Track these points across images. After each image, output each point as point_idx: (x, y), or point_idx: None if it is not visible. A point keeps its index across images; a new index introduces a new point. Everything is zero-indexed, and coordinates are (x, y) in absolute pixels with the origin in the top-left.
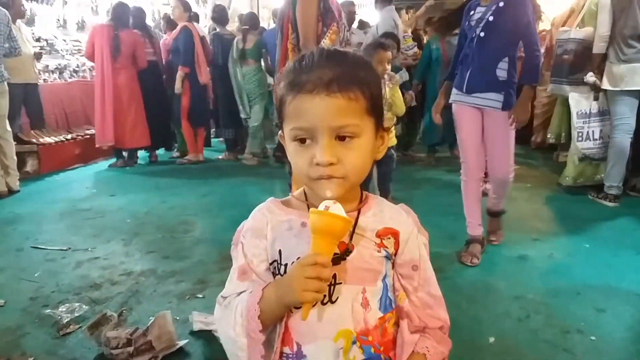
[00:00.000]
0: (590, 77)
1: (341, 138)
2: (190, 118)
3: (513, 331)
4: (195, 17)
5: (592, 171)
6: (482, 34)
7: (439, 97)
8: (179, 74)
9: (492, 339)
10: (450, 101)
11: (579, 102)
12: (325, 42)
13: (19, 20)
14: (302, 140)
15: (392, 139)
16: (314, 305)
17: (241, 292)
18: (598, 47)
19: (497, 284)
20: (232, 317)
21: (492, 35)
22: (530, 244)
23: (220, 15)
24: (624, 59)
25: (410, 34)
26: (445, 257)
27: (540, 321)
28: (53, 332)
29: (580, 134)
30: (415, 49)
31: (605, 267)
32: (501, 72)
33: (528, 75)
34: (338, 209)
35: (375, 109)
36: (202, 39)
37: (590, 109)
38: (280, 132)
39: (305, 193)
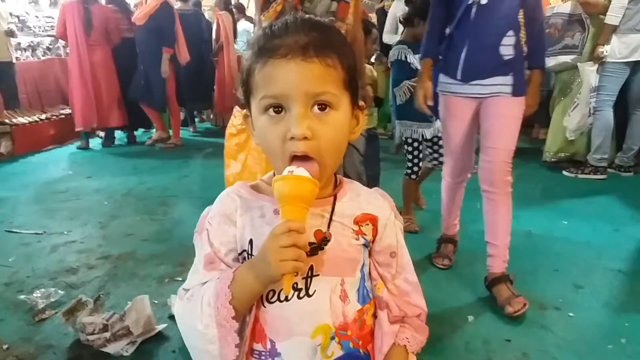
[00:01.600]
0: (602, 49)
1: (318, 108)
2: (178, 100)
3: (492, 309)
4: None
5: (571, 147)
6: (483, 1)
7: (421, 80)
8: (165, 56)
9: (471, 318)
10: (437, 91)
11: (590, 75)
12: (266, 16)
13: None
14: (275, 111)
15: (373, 119)
16: (295, 289)
17: (206, 282)
18: (613, 18)
19: (476, 262)
20: (198, 308)
21: (497, 1)
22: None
23: None
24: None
25: None
26: (424, 237)
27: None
28: (28, 318)
29: (590, 108)
30: None
31: (583, 244)
32: (506, 49)
33: (536, 56)
34: (303, 172)
35: (351, 83)
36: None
37: (594, 83)
38: (244, 112)
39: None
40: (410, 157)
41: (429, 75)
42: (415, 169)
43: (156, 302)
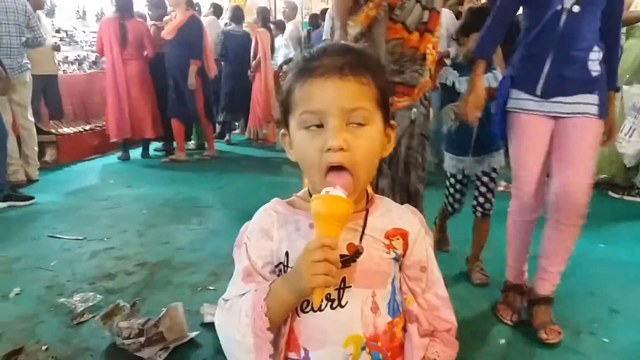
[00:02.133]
0: None
1: (352, 124)
2: (207, 113)
3: (525, 332)
4: (189, 3)
5: (612, 168)
6: (575, 8)
7: (474, 83)
8: (192, 68)
9: (502, 341)
10: (509, 108)
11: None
12: (356, 20)
13: (38, 11)
14: (313, 126)
15: None
16: (327, 300)
17: (244, 293)
18: None
19: None
20: (236, 318)
21: (588, 10)
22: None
23: (234, 15)
24: None
25: None
26: (458, 255)
27: None
28: (67, 320)
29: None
30: None
31: (620, 267)
32: (593, 64)
33: (613, 75)
34: (339, 192)
35: (384, 102)
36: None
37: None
38: (282, 131)
39: (310, 193)
40: (446, 192)
41: (482, 78)
42: (454, 206)
43: (189, 309)
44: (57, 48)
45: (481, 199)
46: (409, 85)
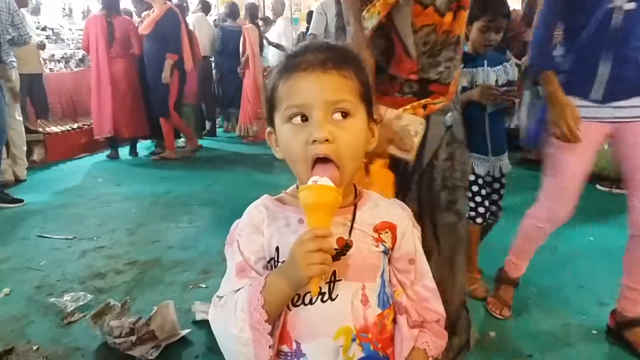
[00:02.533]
0: None
1: (336, 116)
2: (177, 109)
3: (514, 324)
4: None
5: (600, 160)
6: (629, 6)
7: (559, 98)
8: (168, 62)
9: (492, 333)
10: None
11: None
12: (372, 10)
13: (22, 9)
14: (298, 120)
15: None
16: (318, 293)
17: (238, 289)
18: None
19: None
20: (232, 313)
21: None
22: None
23: (231, 11)
24: None
25: None
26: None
27: (541, 314)
28: (57, 320)
29: None
30: None
31: (609, 260)
32: None
33: None
34: (326, 182)
35: (366, 96)
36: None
37: None
38: (268, 129)
39: (298, 190)
40: (469, 194)
41: (561, 90)
42: (480, 209)
43: (180, 307)
44: (42, 46)
45: (493, 207)
46: (444, 82)
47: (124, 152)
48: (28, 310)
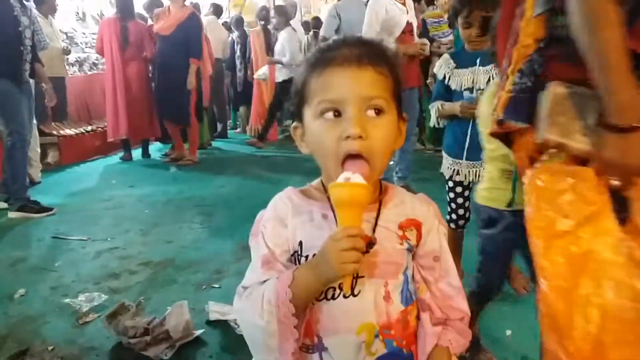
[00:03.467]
0: None
1: (369, 112)
2: (198, 115)
3: (530, 323)
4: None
5: None
6: None
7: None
8: (192, 67)
9: (509, 332)
10: None
11: None
12: None
13: (50, 16)
14: (331, 115)
15: None
16: (340, 289)
17: (264, 281)
18: None
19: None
20: (258, 305)
21: None
22: None
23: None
24: None
25: (445, 20)
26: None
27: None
28: (72, 321)
29: None
30: (451, 37)
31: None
32: None
33: None
34: (359, 179)
35: (398, 94)
36: None
37: None
38: (294, 124)
39: (323, 184)
40: (447, 198)
41: None
42: (455, 216)
43: (194, 308)
44: (67, 52)
45: (461, 211)
46: None
47: (136, 154)
48: (43, 311)
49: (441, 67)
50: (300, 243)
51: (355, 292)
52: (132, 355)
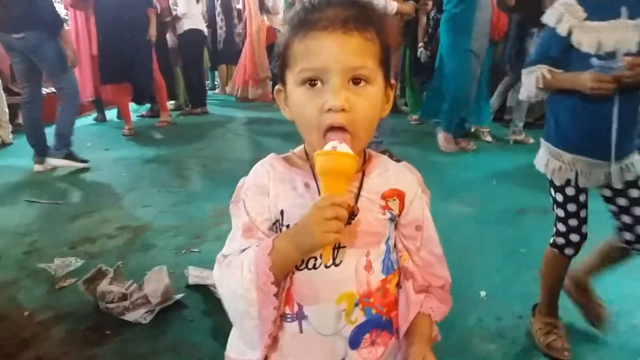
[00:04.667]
0: None
1: (354, 82)
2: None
3: (505, 285)
4: None
5: None
6: None
7: None
8: (152, 18)
9: (483, 293)
10: None
11: None
12: None
13: None
14: (312, 84)
15: None
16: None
17: (245, 249)
18: None
19: (491, 238)
20: (238, 273)
21: None
22: (525, 199)
23: None
24: None
25: None
26: (442, 213)
27: (531, 276)
28: (48, 286)
29: None
30: None
31: (599, 221)
32: None
33: None
34: (345, 148)
35: (386, 60)
36: None
37: None
38: (277, 87)
39: (306, 152)
40: (560, 213)
41: None
42: (573, 237)
43: (173, 272)
44: None
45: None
46: None
47: (111, 114)
48: (18, 276)
49: (561, 15)
50: (282, 212)
51: (337, 261)
52: (110, 319)
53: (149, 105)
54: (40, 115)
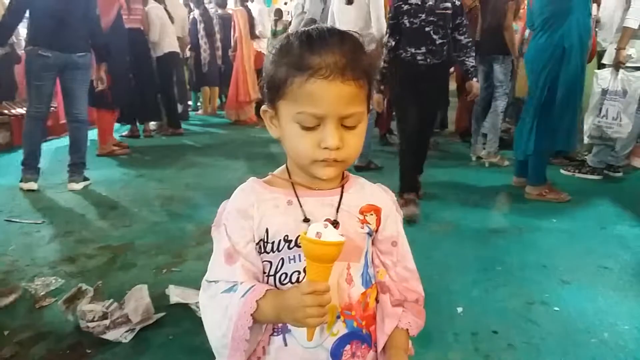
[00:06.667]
0: (628, 53)
1: (347, 124)
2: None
3: (481, 301)
4: None
5: None
6: None
7: None
8: None
9: (460, 309)
10: None
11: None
12: None
13: None
14: (308, 124)
15: None
16: (305, 273)
17: (232, 286)
18: (632, 22)
19: (468, 257)
20: (219, 314)
21: None
22: (501, 219)
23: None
24: None
25: None
26: (421, 231)
27: (506, 292)
28: (29, 305)
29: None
30: None
31: (571, 241)
32: None
33: None
34: (330, 233)
35: (371, 93)
36: None
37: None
38: (264, 106)
39: (288, 171)
40: None
41: None
42: None
43: (154, 291)
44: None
45: None
46: None
47: (92, 134)
48: None
49: None
50: (267, 230)
51: None
52: (91, 338)
53: (128, 125)
54: (43, 135)
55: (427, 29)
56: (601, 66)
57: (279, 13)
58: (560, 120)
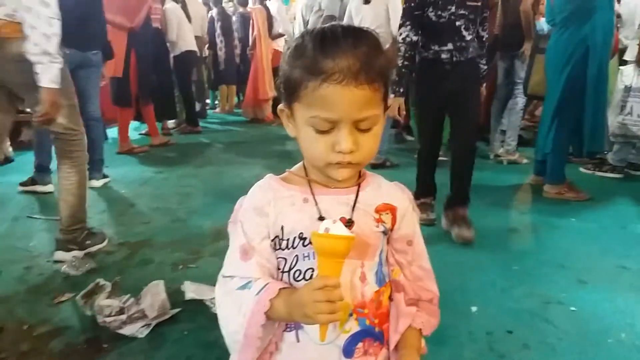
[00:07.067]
0: None
1: (362, 127)
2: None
3: (496, 301)
4: None
5: None
6: None
7: None
8: None
9: (474, 308)
10: None
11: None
12: None
13: None
14: (322, 128)
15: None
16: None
17: (247, 282)
18: None
19: (484, 255)
20: (234, 310)
21: None
22: (519, 218)
23: None
24: None
25: None
26: (437, 229)
27: (522, 292)
28: (47, 300)
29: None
30: None
31: (589, 241)
32: None
33: None
34: (339, 228)
35: (387, 95)
36: None
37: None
38: (281, 105)
39: (305, 168)
40: None
41: None
42: None
43: (170, 287)
44: None
45: None
46: None
47: (112, 132)
48: (18, 290)
49: None
50: (282, 227)
51: None
52: (107, 333)
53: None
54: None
55: (457, 23)
56: (622, 63)
57: None
58: (583, 120)
